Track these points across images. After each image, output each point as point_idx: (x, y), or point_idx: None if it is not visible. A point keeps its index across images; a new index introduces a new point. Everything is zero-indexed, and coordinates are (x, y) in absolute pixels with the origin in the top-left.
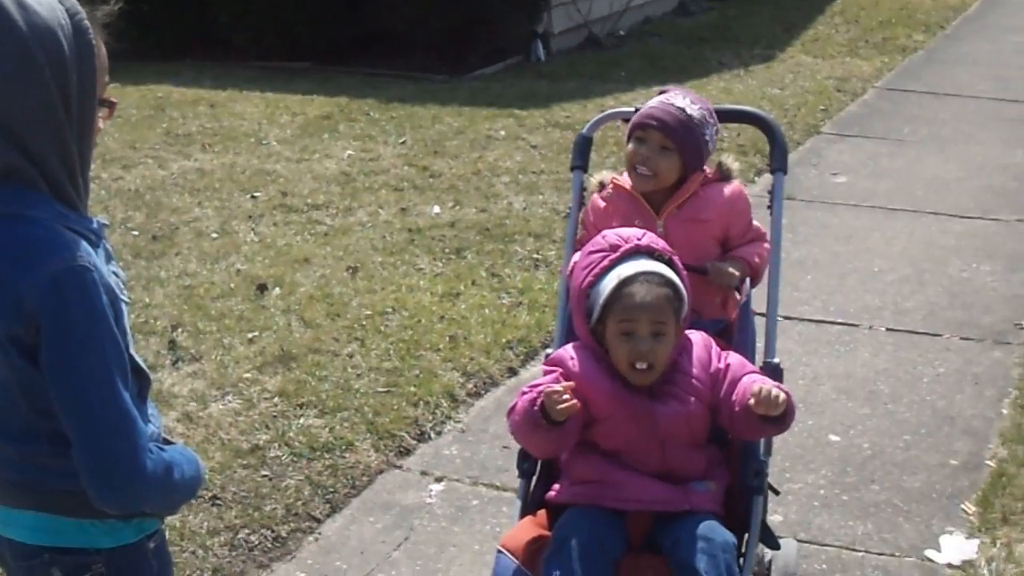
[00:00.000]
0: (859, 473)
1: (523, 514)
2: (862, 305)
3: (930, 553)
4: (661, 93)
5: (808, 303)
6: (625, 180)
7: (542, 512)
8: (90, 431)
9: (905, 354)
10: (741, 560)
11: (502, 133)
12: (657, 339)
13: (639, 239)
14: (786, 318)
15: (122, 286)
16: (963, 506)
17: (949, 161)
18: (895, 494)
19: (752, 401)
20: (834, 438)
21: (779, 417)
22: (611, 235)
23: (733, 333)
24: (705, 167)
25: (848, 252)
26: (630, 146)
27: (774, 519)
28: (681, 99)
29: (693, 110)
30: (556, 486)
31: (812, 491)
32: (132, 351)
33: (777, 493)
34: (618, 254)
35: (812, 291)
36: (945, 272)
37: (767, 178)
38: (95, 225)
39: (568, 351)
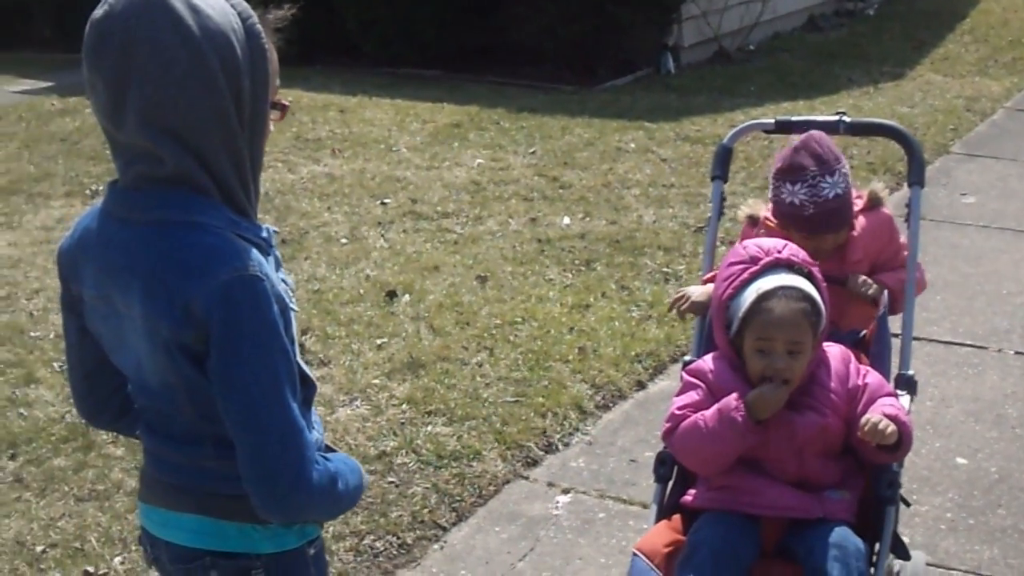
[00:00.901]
0: (986, 497)
1: (658, 518)
2: (991, 327)
3: None
4: (795, 156)
5: (937, 324)
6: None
7: (677, 517)
8: (258, 442)
9: None
10: (872, 570)
11: (632, 145)
12: (793, 356)
13: (779, 251)
14: (915, 339)
15: (291, 294)
16: None
17: None
18: (1022, 519)
19: (861, 431)
20: (961, 461)
21: (894, 445)
22: (752, 246)
23: (870, 344)
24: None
25: (977, 273)
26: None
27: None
28: (828, 181)
29: (838, 186)
30: (692, 491)
31: (939, 514)
32: (298, 358)
33: (908, 505)
34: (758, 267)
35: (941, 312)
36: None
37: (897, 196)
38: (265, 233)
39: (707, 362)
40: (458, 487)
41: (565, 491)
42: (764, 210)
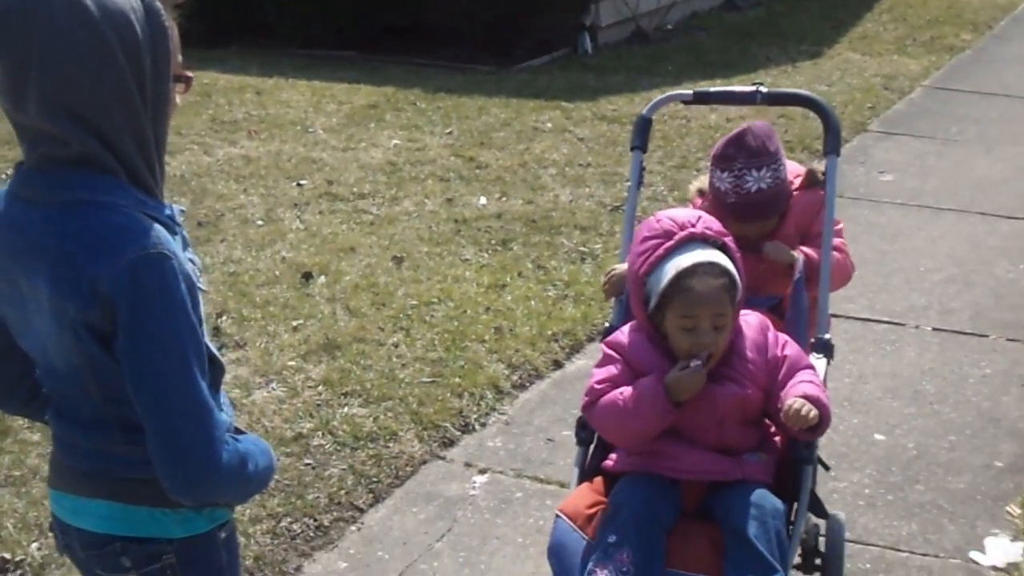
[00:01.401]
0: (904, 473)
1: (580, 481)
2: (908, 304)
3: (974, 555)
4: (728, 146)
5: (854, 301)
6: None
7: (599, 479)
8: (166, 421)
9: (951, 354)
10: (790, 527)
11: (549, 125)
12: (718, 330)
13: (693, 225)
14: (832, 316)
15: (199, 273)
16: (1008, 508)
17: (996, 161)
18: (940, 495)
19: (782, 416)
20: (879, 437)
21: (813, 425)
22: (665, 220)
23: (786, 309)
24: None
25: (894, 251)
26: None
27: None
28: (753, 175)
29: (763, 180)
30: (613, 456)
31: (857, 490)
32: (207, 339)
33: (828, 468)
34: (673, 242)
35: (858, 289)
36: (992, 272)
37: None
38: (171, 212)
39: (625, 334)
40: (375, 468)
41: (482, 471)
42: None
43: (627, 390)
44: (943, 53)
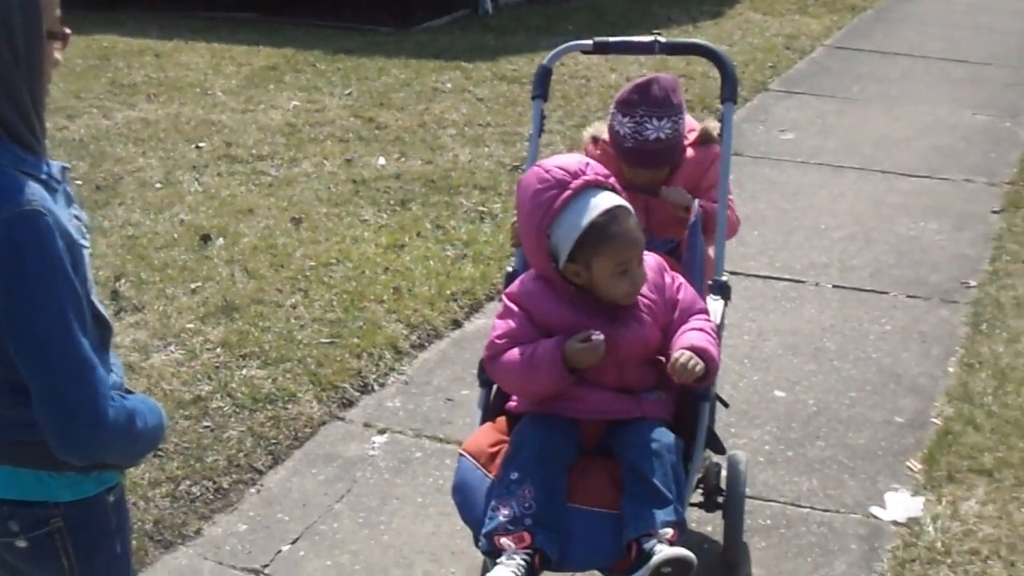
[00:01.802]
0: (804, 429)
1: (483, 421)
2: (808, 262)
3: (875, 510)
4: (633, 92)
5: (754, 259)
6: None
7: (502, 419)
8: (49, 380)
9: (851, 311)
10: (688, 463)
11: (448, 86)
12: (640, 266)
13: (584, 172)
14: (732, 273)
15: (84, 231)
16: (908, 464)
17: (898, 120)
18: (840, 451)
19: (668, 368)
20: (779, 394)
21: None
22: (554, 170)
23: (682, 252)
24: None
25: (795, 209)
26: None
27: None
28: (654, 123)
29: (662, 130)
30: (515, 397)
31: (758, 447)
32: (94, 298)
33: (726, 405)
34: (571, 191)
35: (759, 247)
36: (892, 230)
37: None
38: (53, 169)
39: (525, 285)
40: (274, 430)
41: (381, 431)
42: (605, 133)
43: (527, 349)
44: (845, 12)
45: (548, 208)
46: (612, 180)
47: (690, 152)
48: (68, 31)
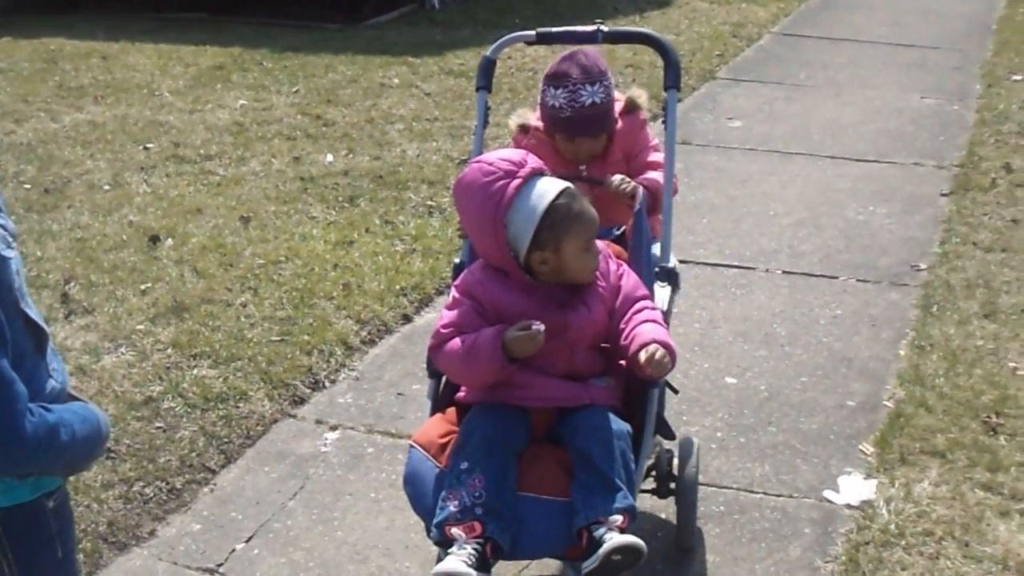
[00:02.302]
0: (756, 415)
1: (433, 411)
2: (758, 248)
3: (828, 494)
4: (562, 63)
5: (704, 246)
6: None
7: (451, 410)
8: None
9: (801, 296)
10: (638, 450)
11: (396, 81)
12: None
13: (526, 161)
14: (682, 261)
15: (10, 240)
16: (861, 447)
17: (845, 105)
18: (793, 436)
19: (642, 361)
20: (731, 380)
21: None
22: (497, 161)
23: (628, 239)
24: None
25: (744, 196)
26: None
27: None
28: (588, 89)
29: (596, 95)
30: (464, 388)
31: (709, 434)
32: (25, 305)
33: (676, 392)
34: (521, 179)
35: (708, 235)
36: (841, 215)
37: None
38: None
39: (474, 275)
40: (225, 429)
41: (333, 428)
42: (534, 119)
43: (468, 338)
44: (791, 0)
45: (501, 197)
46: (549, 172)
47: (620, 123)
48: None
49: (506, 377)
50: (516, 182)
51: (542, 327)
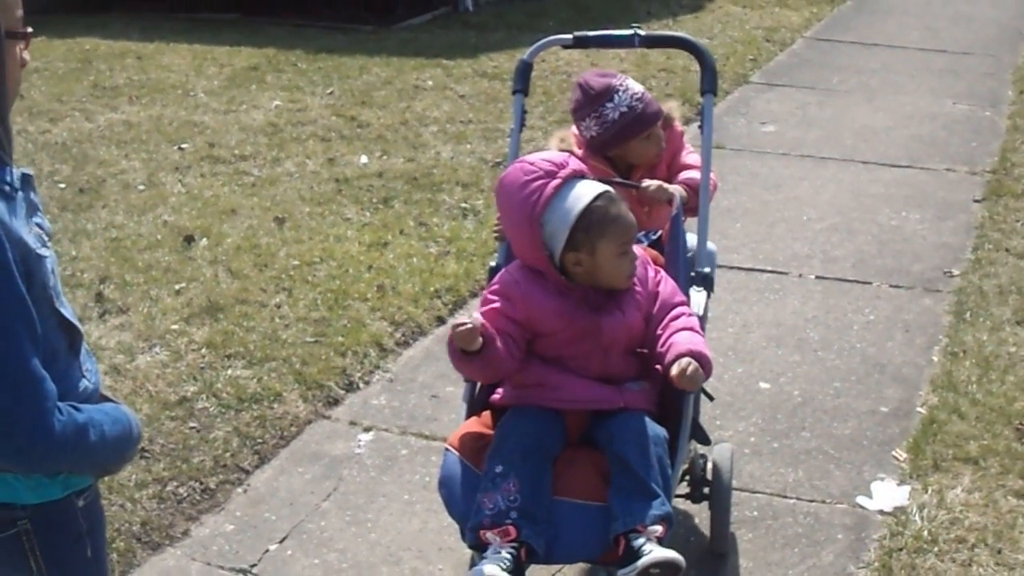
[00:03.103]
0: (789, 421)
1: (468, 415)
2: (791, 253)
3: (861, 500)
4: (592, 83)
5: (737, 251)
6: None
7: (486, 413)
8: None
9: (835, 302)
10: (674, 456)
11: (430, 83)
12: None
13: (567, 164)
14: (717, 266)
15: (45, 239)
16: (894, 453)
17: (878, 111)
18: (826, 441)
19: (674, 375)
20: (764, 386)
21: None
22: (539, 162)
23: (665, 244)
24: None
25: (777, 201)
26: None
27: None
28: (630, 83)
29: (621, 107)
30: (499, 390)
31: (743, 439)
32: (59, 304)
33: (711, 399)
34: (560, 180)
35: (741, 239)
36: (875, 220)
37: (694, 127)
38: (11, 177)
39: (512, 274)
40: (259, 429)
41: (367, 429)
42: (575, 144)
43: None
44: (824, 4)
45: (539, 196)
46: (589, 174)
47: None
48: (30, 30)
49: (538, 378)
50: (555, 182)
51: (479, 319)
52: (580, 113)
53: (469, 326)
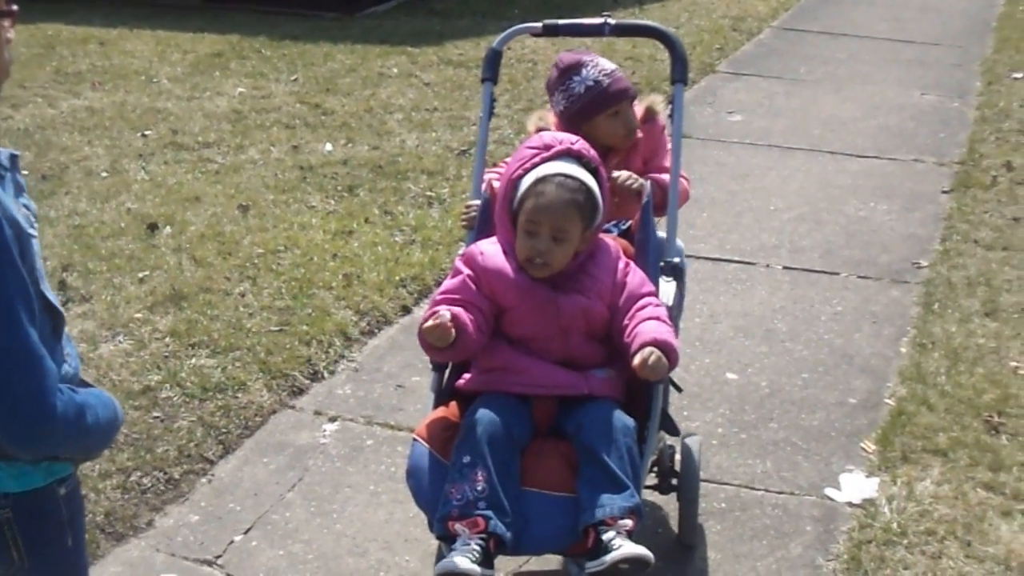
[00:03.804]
0: (757, 412)
1: (436, 405)
2: (758, 243)
3: (830, 492)
4: (565, 58)
5: (704, 241)
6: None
7: (454, 403)
8: None
9: (802, 292)
10: (642, 445)
11: (395, 71)
12: (557, 242)
13: (572, 143)
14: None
15: (33, 220)
16: (862, 445)
17: (846, 101)
18: (794, 432)
19: (636, 365)
20: (731, 376)
21: None
22: (548, 136)
23: (635, 234)
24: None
25: (744, 190)
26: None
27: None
28: (605, 62)
29: (590, 78)
30: (465, 375)
31: (710, 429)
32: (44, 287)
33: (680, 390)
34: (549, 153)
35: (708, 229)
36: (842, 211)
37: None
38: (1, 157)
39: (478, 246)
40: (224, 419)
41: (332, 419)
42: (553, 124)
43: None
44: None
45: (525, 162)
46: (600, 165)
47: (639, 132)
48: (15, 7)
49: (503, 361)
50: (544, 154)
51: (447, 315)
52: (551, 87)
53: (439, 323)
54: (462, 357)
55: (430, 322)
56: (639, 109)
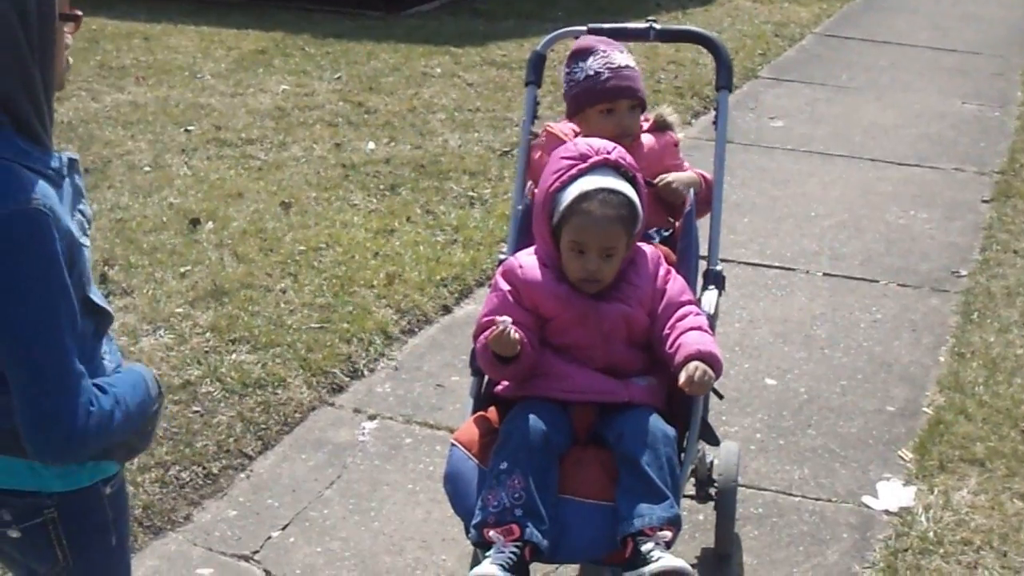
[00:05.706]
0: (795, 418)
1: (475, 410)
2: (799, 249)
3: (867, 499)
4: (582, 43)
5: (745, 246)
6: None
7: (493, 408)
8: (31, 385)
9: (842, 299)
10: (682, 455)
11: (438, 71)
12: (606, 259)
13: (608, 152)
14: (722, 260)
15: (86, 226)
16: (900, 453)
17: (887, 108)
18: (832, 439)
19: (682, 382)
20: (770, 382)
21: None
22: (582, 144)
23: (677, 240)
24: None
25: (785, 196)
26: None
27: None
28: (619, 55)
29: (630, 60)
30: (504, 381)
31: (748, 435)
32: (91, 291)
33: (721, 397)
34: (586, 164)
35: (749, 234)
36: (882, 218)
37: (703, 120)
38: (57, 163)
39: (517, 259)
40: (263, 415)
41: (371, 417)
42: (568, 129)
43: (480, 343)
44: (834, 0)
45: (561, 175)
46: (638, 172)
47: (649, 139)
48: (79, 13)
49: (545, 367)
50: (581, 166)
51: (508, 319)
52: (567, 63)
53: (504, 328)
54: (524, 373)
55: (495, 332)
56: (647, 118)
